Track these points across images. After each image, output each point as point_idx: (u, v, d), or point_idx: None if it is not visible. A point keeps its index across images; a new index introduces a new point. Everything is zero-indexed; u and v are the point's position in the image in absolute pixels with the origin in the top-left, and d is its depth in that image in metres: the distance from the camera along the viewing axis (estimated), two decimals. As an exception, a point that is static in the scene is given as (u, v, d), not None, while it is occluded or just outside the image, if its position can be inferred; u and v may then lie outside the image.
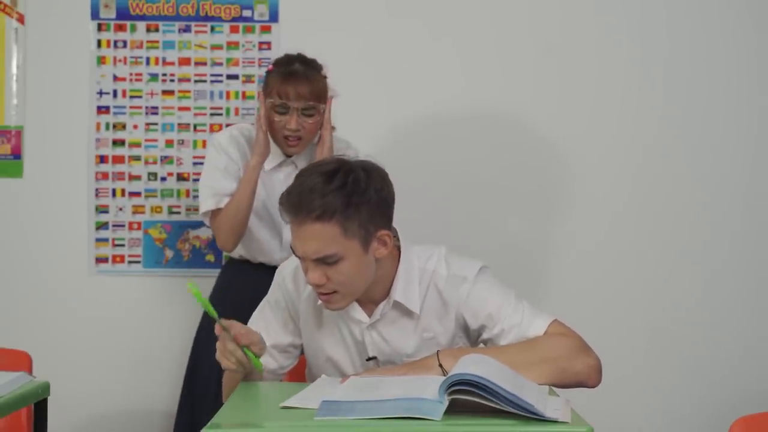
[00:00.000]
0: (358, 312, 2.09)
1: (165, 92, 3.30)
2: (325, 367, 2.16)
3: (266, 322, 2.18)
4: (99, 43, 3.30)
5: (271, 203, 2.87)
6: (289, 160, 2.89)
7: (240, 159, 2.85)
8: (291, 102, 2.73)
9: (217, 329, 1.94)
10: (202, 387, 2.91)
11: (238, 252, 2.92)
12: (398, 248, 2.08)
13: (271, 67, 2.84)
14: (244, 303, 2.89)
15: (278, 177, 2.89)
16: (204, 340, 2.96)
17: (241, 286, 2.92)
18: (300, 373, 2.35)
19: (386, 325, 2.09)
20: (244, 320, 2.07)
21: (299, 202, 1.91)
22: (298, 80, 2.75)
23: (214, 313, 1.92)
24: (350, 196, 1.91)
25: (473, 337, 2.10)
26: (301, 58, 2.83)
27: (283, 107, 2.74)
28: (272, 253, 2.90)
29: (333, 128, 2.80)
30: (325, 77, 2.81)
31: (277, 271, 2.23)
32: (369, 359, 2.10)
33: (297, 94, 2.73)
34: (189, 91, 3.31)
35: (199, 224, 3.26)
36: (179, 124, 3.31)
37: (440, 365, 1.89)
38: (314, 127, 2.78)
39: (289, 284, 2.16)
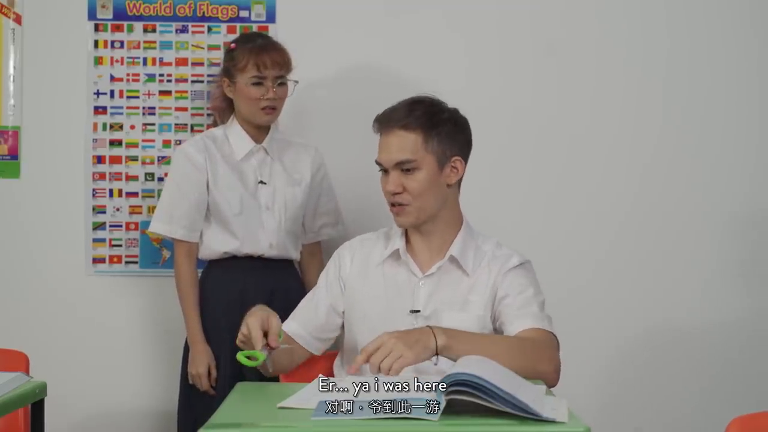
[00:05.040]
0: (413, 266, 2.27)
1: (162, 93, 3.30)
2: (357, 326, 2.29)
3: (315, 301, 2.36)
4: (96, 44, 3.30)
5: (246, 192, 2.91)
6: (258, 146, 2.95)
7: (205, 162, 2.91)
8: (268, 71, 2.85)
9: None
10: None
11: (222, 249, 2.93)
12: (461, 220, 2.32)
13: (233, 45, 2.94)
14: (235, 295, 2.91)
15: (250, 164, 2.95)
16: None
17: (230, 281, 2.92)
18: (299, 374, 2.35)
19: (439, 281, 2.26)
20: (234, 314, 2.06)
21: (390, 114, 2.23)
22: (272, 50, 2.89)
23: (263, 357, 1.99)
24: (433, 116, 2.23)
25: (494, 311, 2.24)
26: (260, 34, 3.06)
27: (260, 78, 2.85)
28: (257, 240, 2.92)
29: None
30: None
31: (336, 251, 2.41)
32: (413, 312, 2.23)
33: (273, 62, 2.87)
34: (186, 92, 3.30)
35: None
36: (176, 125, 3.31)
37: (434, 337, 1.96)
38: (285, 96, 2.91)
39: (345, 250, 2.38)
